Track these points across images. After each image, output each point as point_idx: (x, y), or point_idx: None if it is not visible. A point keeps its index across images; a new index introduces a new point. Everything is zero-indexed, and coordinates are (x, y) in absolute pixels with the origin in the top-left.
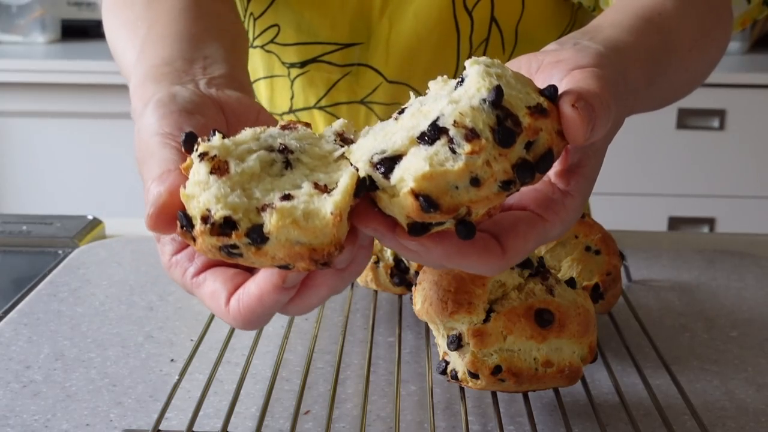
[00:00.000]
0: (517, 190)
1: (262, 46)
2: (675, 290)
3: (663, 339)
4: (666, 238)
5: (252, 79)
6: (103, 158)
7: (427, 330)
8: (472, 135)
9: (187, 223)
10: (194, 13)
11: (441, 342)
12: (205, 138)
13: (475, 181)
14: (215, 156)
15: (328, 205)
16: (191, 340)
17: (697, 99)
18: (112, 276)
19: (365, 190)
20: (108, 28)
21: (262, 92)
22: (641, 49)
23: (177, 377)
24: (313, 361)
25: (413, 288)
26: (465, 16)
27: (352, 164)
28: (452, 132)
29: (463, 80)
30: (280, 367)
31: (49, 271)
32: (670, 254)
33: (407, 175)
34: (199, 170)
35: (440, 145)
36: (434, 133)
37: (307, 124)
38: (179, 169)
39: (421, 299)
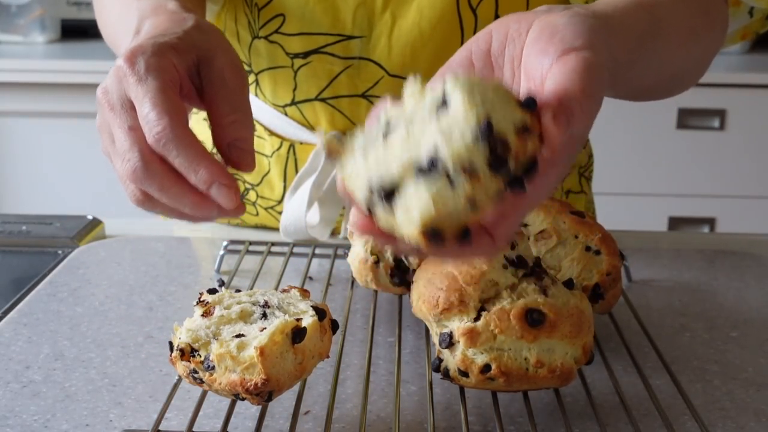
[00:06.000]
0: None
1: (266, 37)
2: (675, 290)
3: (663, 339)
4: (666, 238)
5: (256, 70)
6: (102, 158)
7: (427, 330)
8: (470, 172)
9: (171, 349)
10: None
11: (435, 339)
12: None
13: (473, 205)
14: (208, 303)
15: (255, 342)
16: None
17: (697, 99)
18: (112, 276)
19: (368, 210)
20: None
21: (265, 84)
22: (629, 29)
23: (177, 377)
24: None
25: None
26: (469, 14)
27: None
28: (451, 171)
29: (446, 102)
30: None
31: (49, 271)
32: (670, 254)
33: (412, 212)
34: (195, 312)
35: (439, 180)
36: (432, 169)
37: (305, 292)
38: None
39: (416, 297)
